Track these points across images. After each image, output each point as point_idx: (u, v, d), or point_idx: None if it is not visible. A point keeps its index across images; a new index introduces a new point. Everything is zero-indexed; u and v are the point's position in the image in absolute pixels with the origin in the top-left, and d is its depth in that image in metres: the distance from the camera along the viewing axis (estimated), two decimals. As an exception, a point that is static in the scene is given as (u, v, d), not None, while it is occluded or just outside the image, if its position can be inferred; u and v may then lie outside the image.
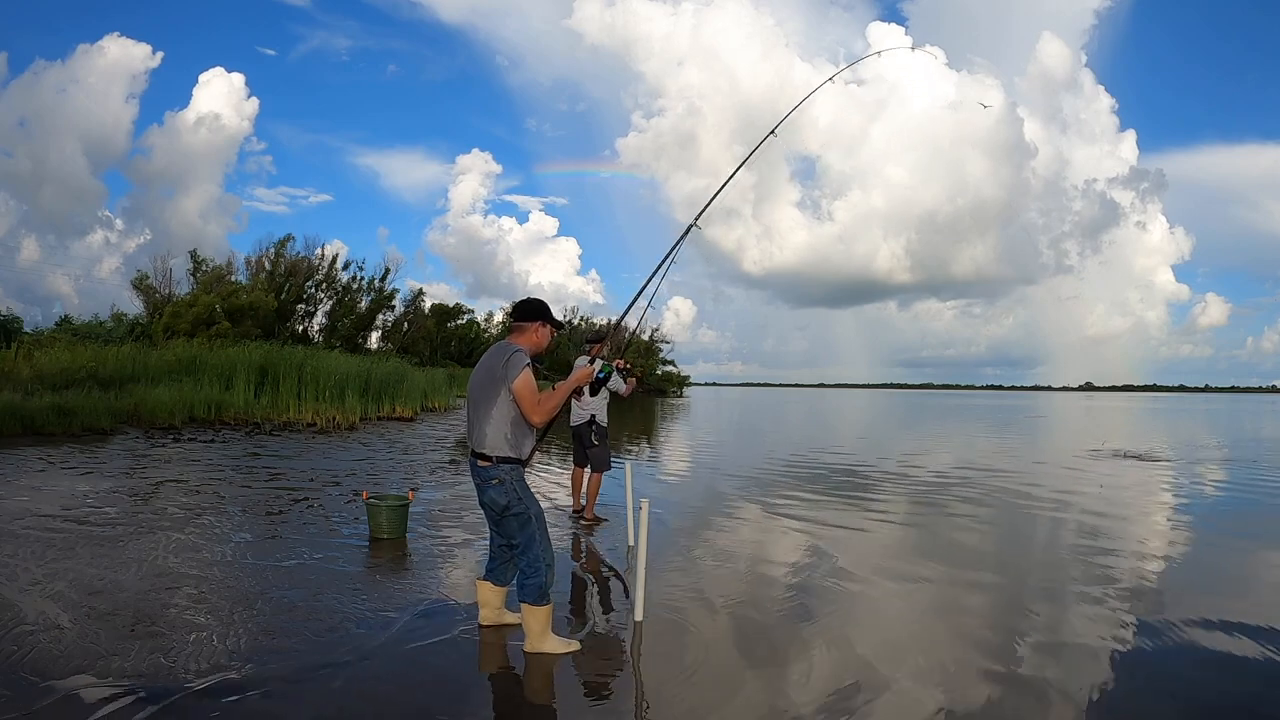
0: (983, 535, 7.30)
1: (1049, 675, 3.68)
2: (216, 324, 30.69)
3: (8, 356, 16.59)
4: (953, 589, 5.31)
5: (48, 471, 8.97)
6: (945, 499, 9.15)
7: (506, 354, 3.70)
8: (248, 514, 7.07)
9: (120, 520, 6.49)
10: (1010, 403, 65.72)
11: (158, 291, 34.70)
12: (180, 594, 4.53)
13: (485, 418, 3.68)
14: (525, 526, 3.74)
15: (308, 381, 17.39)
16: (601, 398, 6.86)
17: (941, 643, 4.18)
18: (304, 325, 39.93)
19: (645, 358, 50.79)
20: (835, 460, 13.68)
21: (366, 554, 5.75)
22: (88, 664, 3.43)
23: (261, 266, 38.71)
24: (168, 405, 14.29)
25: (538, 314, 3.90)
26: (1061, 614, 4.74)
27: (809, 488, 9.87)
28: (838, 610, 4.72)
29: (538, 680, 3.59)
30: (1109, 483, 10.75)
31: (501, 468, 3.67)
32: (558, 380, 4.19)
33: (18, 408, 11.97)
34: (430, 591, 4.83)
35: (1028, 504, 9.03)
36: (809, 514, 7.96)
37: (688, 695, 3.42)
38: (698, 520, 7.50)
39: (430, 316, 47.16)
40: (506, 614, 4.09)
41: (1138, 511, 8.86)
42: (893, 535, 7.20)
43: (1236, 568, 6.19)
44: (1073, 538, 7.16)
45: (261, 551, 5.66)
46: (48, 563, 5.09)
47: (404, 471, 10.35)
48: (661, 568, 5.36)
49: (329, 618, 4.21)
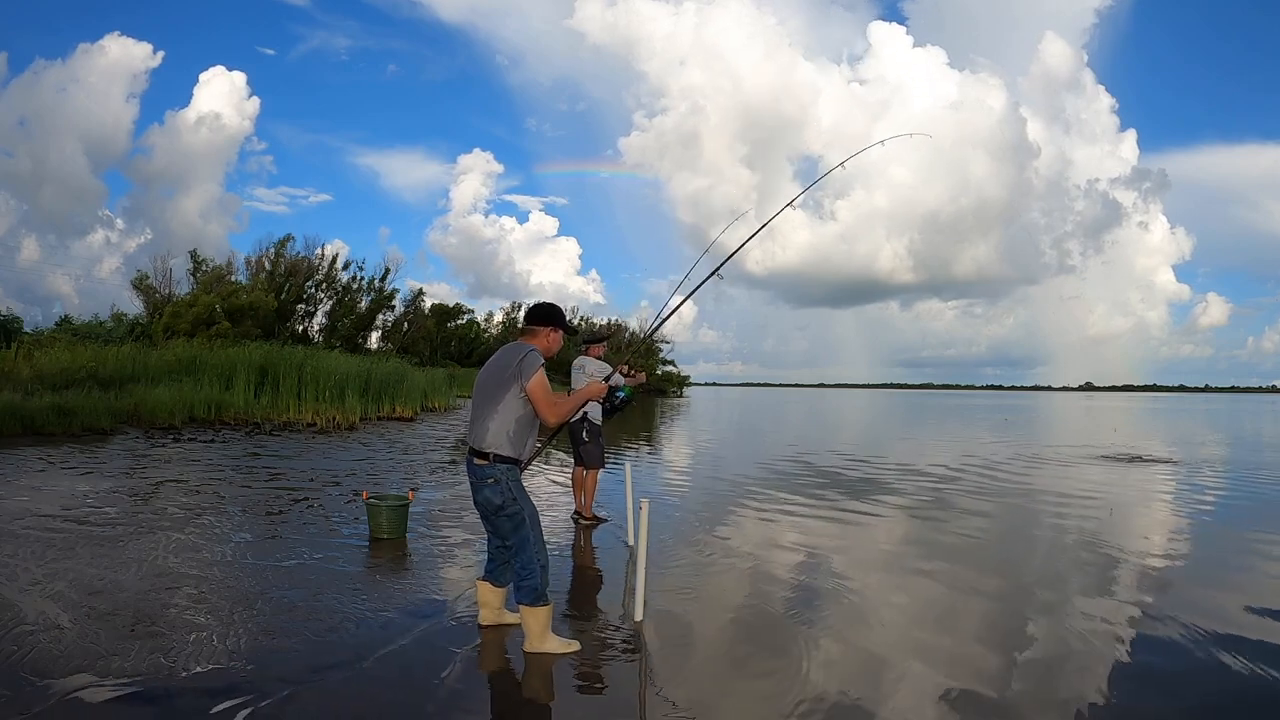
0: (984, 534, 7.30)
1: (1050, 674, 3.68)
2: (216, 324, 30.66)
3: (8, 356, 16.57)
4: (954, 588, 5.31)
5: (48, 471, 8.97)
6: (946, 498, 9.15)
7: (522, 353, 3.71)
8: (248, 514, 7.07)
9: (120, 520, 6.49)
10: (1010, 402, 65.69)
11: (158, 291, 34.68)
12: (180, 594, 4.53)
13: (490, 414, 3.68)
14: (519, 528, 3.75)
15: (308, 381, 17.37)
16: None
17: (943, 642, 4.18)
18: (304, 325, 39.91)
19: (645, 358, 50.78)
20: (835, 460, 13.68)
21: (366, 554, 5.75)
22: (88, 664, 3.43)
23: (261, 266, 38.69)
24: (168, 405, 14.28)
25: (550, 319, 3.93)
26: (1062, 613, 4.74)
27: (809, 487, 9.87)
28: (838, 610, 4.72)
29: (538, 680, 3.59)
30: (1108, 482, 10.75)
31: (498, 467, 3.67)
32: (558, 380, 4.21)
33: (18, 408, 11.96)
34: (430, 592, 4.83)
35: (1028, 503, 9.03)
36: (809, 513, 7.96)
37: (688, 695, 3.42)
38: (698, 520, 7.50)
39: (430, 316, 47.15)
40: (506, 614, 4.10)
41: (1138, 511, 8.86)
42: (893, 534, 7.20)
43: (1239, 566, 6.19)
44: (1074, 537, 7.15)
45: (261, 551, 5.66)
46: (48, 563, 5.09)
47: (404, 471, 10.35)
48: (662, 568, 5.36)
49: (329, 618, 4.22)
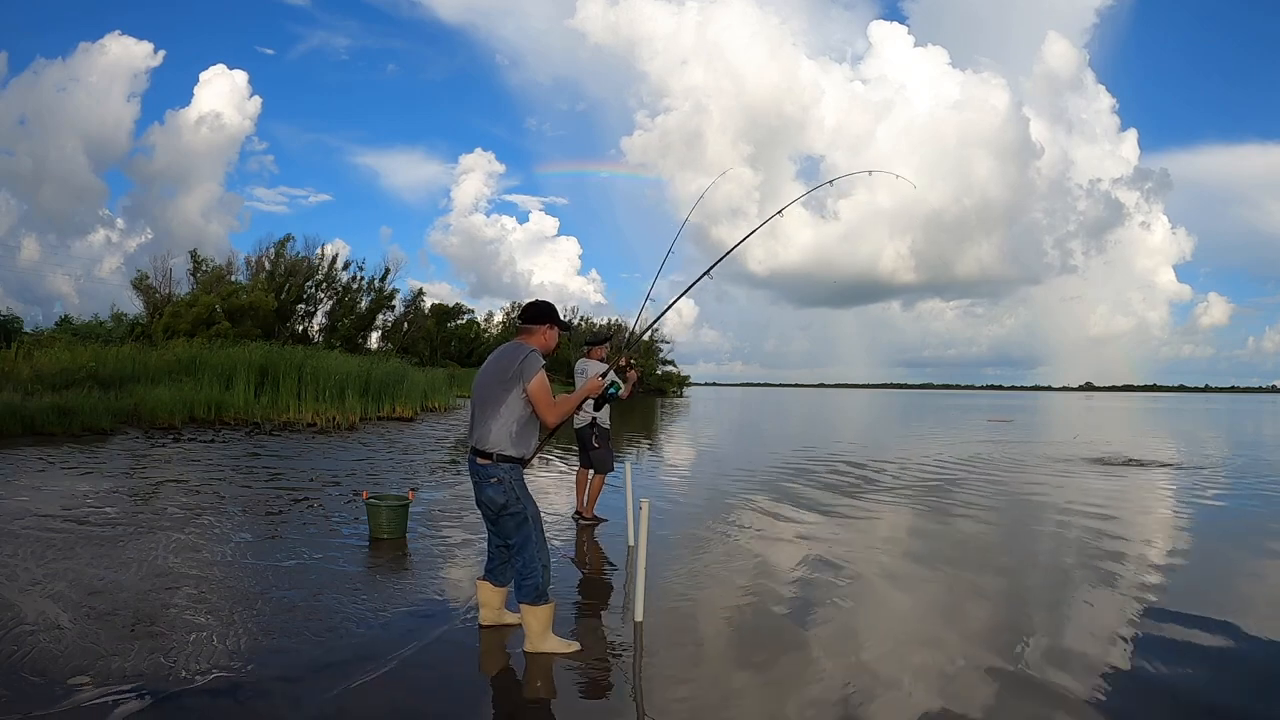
0: (985, 533, 7.29)
1: (1050, 673, 3.67)
2: (216, 324, 30.68)
3: (8, 356, 16.56)
4: (955, 587, 5.31)
5: (48, 471, 8.97)
6: (946, 497, 9.15)
7: (522, 354, 3.72)
8: (248, 514, 7.07)
9: (120, 520, 6.49)
10: (1010, 402, 65.67)
11: (158, 291, 34.69)
12: (180, 594, 4.53)
13: (492, 415, 3.69)
14: (521, 527, 3.75)
15: (308, 381, 17.37)
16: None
17: (944, 642, 4.17)
18: (304, 325, 39.92)
19: (645, 358, 50.81)
20: (836, 460, 13.67)
21: (366, 554, 5.75)
22: (88, 664, 3.43)
23: (261, 266, 38.71)
24: (168, 405, 14.28)
25: (545, 316, 3.94)
26: (1063, 613, 4.74)
27: (809, 487, 9.85)
28: (839, 610, 4.71)
29: (538, 680, 3.59)
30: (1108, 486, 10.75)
31: (501, 467, 3.68)
32: (558, 379, 4.22)
33: (18, 408, 11.95)
34: (430, 592, 4.84)
35: (1029, 502, 9.03)
36: (809, 513, 7.96)
37: (688, 695, 3.42)
38: (698, 520, 7.50)
39: (430, 316, 47.18)
40: (506, 614, 4.09)
41: (1139, 510, 8.86)
42: (893, 534, 7.19)
43: (1241, 566, 6.19)
44: (1075, 536, 7.15)
45: (261, 551, 5.66)
46: (48, 563, 5.09)
47: (404, 471, 10.35)
48: (662, 568, 5.35)
49: (329, 618, 4.22)
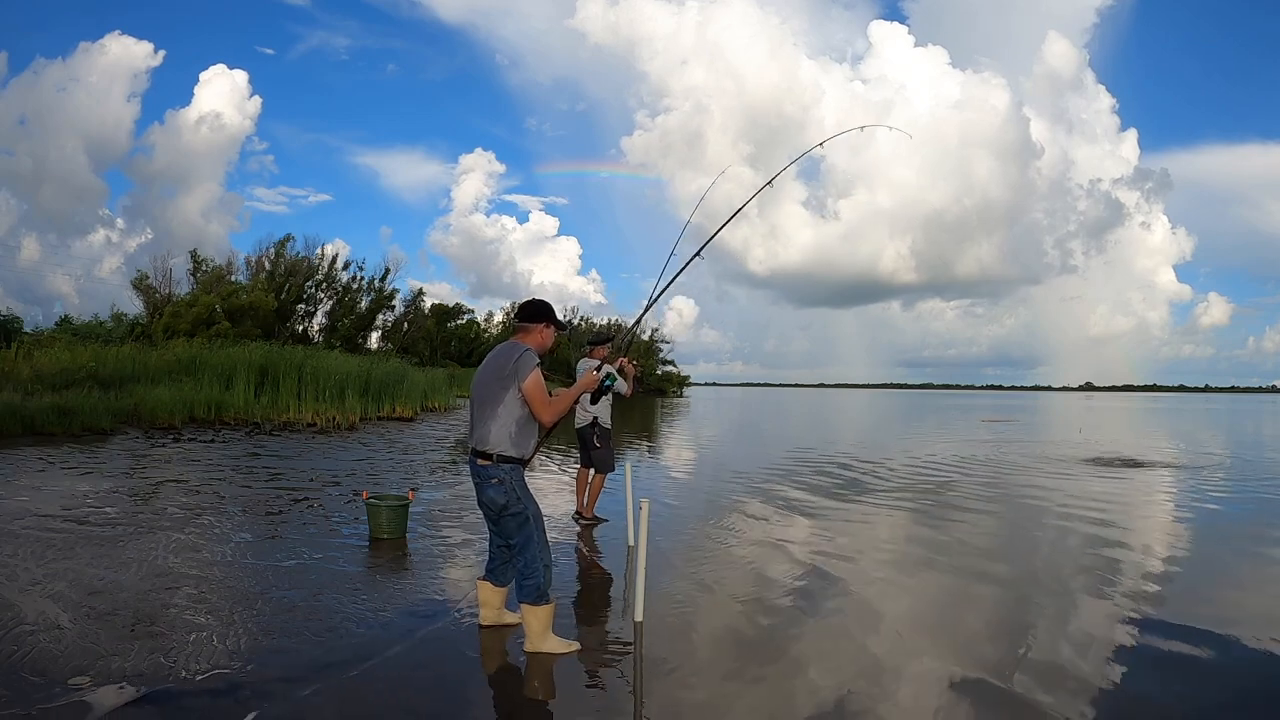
0: (985, 533, 7.29)
1: (1042, 687, 3.67)
2: (216, 324, 30.67)
3: (8, 356, 16.55)
4: (956, 587, 5.31)
5: (48, 471, 8.97)
6: (946, 498, 9.15)
7: (516, 353, 3.72)
8: (248, 514, 7.07)
9: (120, 520, 6.49)
10: (1010, 402, 65.69)
11: (158, 291, 34.64)
12: (180, 594, 4.53)
13: (491, 416, 3.69)
14: (523, 527, 3.75)
15: (308, 381, 17.36)
16: (604, 400, 6.87)
17: (945, 642, 4.18)
18: (304, 325, 39.87)
19: (644, 358, 50.82)
20: (836, 459, 13.67)
21: (366, 554, 5.75)
22: (88, 664, 3.43)
23: (261, 266, 38.65)
24: (168, 405, 14.27)
25: (542, 315, 3.94)
26: (1064, 613, 4.73)
27: (810, 487, 9.86)
28: (839, 610, 4.71)
29: (538, 680, 3.59)
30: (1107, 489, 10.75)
31: (502, 467, 3.68)
32: (558, 380, 4.22)
33: (18, 408, 11.95)
34: (430, 591, 4.84)
35: (1030, 502, 9.03)
36: (810, 513, 7.96)
37: (688, 696, 3.42)
38: (698, 520, 7.50)
39: (430, 316, 47.13)
40: (507, 614, 4.10)
41: (1137, 514, 8.86)
42: (894, 534, 7.19)
43: (1238, 572, 6.19)
44: (1075, 535, 7.15)
45: (261, 551, 5.66)
46: (48, 563, 5.09)
47: (404, 471, 10.35)
48: (662, 568, 5.36)
49: (329, 618, 4.22)
